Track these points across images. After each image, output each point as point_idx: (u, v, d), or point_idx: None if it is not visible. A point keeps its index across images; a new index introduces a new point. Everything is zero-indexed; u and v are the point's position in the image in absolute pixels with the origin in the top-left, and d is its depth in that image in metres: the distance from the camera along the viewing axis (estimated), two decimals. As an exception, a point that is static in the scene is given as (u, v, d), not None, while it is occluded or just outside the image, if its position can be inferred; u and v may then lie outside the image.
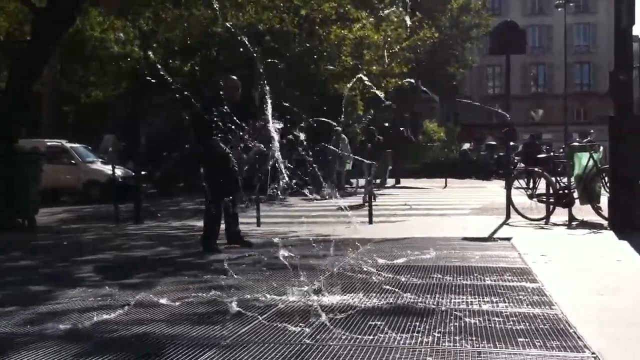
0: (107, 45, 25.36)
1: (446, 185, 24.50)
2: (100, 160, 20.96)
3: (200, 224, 9.04)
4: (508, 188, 11.57)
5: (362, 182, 20.73)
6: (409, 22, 26.57)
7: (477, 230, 9.58)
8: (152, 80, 14.58)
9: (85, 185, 19.91)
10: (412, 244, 8.09)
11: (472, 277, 5.82)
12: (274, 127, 5.42)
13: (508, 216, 11.19)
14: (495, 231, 9.69)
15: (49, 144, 19.63)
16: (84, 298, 5.22)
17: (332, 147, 18.32)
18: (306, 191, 6.93)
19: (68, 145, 20.77)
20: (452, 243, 8.22)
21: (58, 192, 19.64)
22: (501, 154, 30.17)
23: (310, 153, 5.78)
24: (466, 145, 36.80)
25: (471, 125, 49.67)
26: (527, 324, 4.12)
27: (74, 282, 6.03)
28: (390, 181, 26.85)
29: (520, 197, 11.52)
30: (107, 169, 18.35)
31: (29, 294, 5.47)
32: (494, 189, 20.83)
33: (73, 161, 20.05)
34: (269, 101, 5.47)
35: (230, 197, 7.83)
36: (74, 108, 29.34)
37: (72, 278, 6.32)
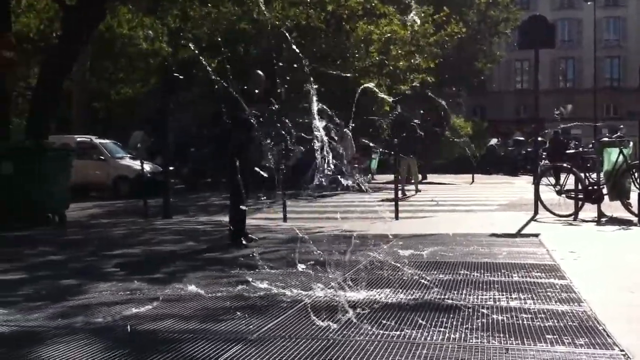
0: (136, 42, 25.58)
1: (473, 181, 24.38)
2: (129, 156, 21.16)
3: (226, 218, 9.08)
4: (536, 184, 11.48)
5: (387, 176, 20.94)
6: (413, 19, 26.41)
7: (504, 227, 9.51)
8: (180, 77, 14.71)
9: (115, 181, 20.12)
10: (439, 240, 8.06)
11: (499, 273, 5.79)
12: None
13: (536, 212, 11.10)
14: (523, 227, 9.62)
15: (78, 140, 19.88)
16: (114, 292, 5.29)
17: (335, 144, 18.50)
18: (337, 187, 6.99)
19: (97, 141, 21.00)
20: (479, 239, 8.18)
21: (88, 187, 19.86)
22: (529, 149, 29.95)
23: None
24: (493, 141, 36.54)
25: (498, 120, 49.28)
26: (556, 320, 4.09)
27: (103, 276, 6.12)
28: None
29: (548, 193, 11.41)
30: (136, 164, 18.54)
31: (60, 288, 5.56)
32: (522, 185, 20.68)
33: (102, 157, 20.28)
34: (315, 100, 5.49)
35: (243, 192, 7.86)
36: (103, 104, 29.64)
37: (102, 272, 6.40)
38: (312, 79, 5.89)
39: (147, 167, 17.69)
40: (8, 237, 9.72)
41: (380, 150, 28.09)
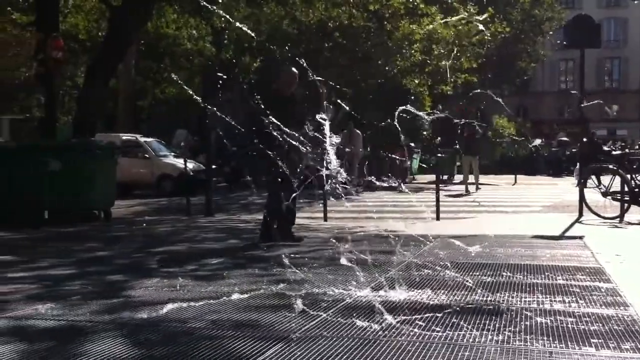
0: (180, 42, 25.92)
1: (516, 182, 24.10)
2: (172, 154, 21.46)
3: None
4: (580, 185, 11.30)
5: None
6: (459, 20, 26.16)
7: (548, 228, 9.39)
8: (223, 76, 14.87)
9: (158, 179, 20.43)
10: (481, 241, 8.00)
11: (543, 275, 5.73)
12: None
13: (580, 214, 10.94)
14: (567, 229, 9.49)
15: (124, 138, 20.25)
16: (158, 288, 5.38)
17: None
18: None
19: (142, 139, 21.35)
20: (522, 241, 8.10)
21: (132, 185, 20.19)
22: (574, 150, 29.47)
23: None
24: (537, 141, 36.05)
25: (542, 120, 48.59)
26: (601, 324, 4.04)
27: (148, 272, 6.23)
28: (459, 177, 26.56)
29: (593, 195, 11.23)
30: (179, 163, 18.79)
31: (107, 284, 5.68)
32: (566, 186, 20.36)
33: (147, 155, 20.59)
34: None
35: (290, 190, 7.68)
36: (148, 103, 30.11)
37: (146, 268, 6.52)
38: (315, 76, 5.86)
39: (190, 165, 17.92)
40: (56, 233, 9.97)
41: (421, 150, 27.99)
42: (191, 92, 10.12)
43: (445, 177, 24.55)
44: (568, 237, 8.59)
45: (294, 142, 6.53)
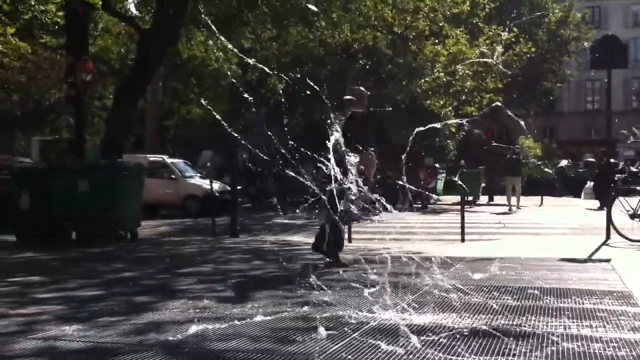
0: (207, 64, 26.23)
1: (542, 203, 23.87)
2: (198, 175, 21.62)
3: (293, 238, 9.16)
4: (608, 207, 11.18)
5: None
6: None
7: (574, 251, 9.29)
8: (249, 98, 15.03)
9: (184, 200, 20.57)
10: (506, 263, 7.94)
11: (569, 299, 5.68)
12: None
13: (608, 236, 10.80)
14: (594, 252, 9.38)
15: (151, 159, 20.46)
16: (184, 310, 5.42)
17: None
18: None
19: (169, 160, 21.56)
20: (548, 263, 8.03)
21: (158, 205, 20.36)
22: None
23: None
24: (563, 162, 35.73)
25: (568, 141, 48.20)
26: (629, 350, 3.99)
27: (174, 293, 6.27)
28: (484, 198, 26.42)
29: (621, 217, 11.10)
30: (205, 183, 18.92)
31: (133, 305, 5.73)
32: (593, 208, 20.13)
33: (173, 176, 20.77)
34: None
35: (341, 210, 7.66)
36: (174, 123, 30.44)
37: (172, 289, 6.57)
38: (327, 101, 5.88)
39: (216, 186, 18.04)
40: (83, 253, 10.08)
41: (446, 171, 27.89)
42: (217, 116, 10.21)
43: (470, 198, 24.41)
44: (595, 260, 8.49)
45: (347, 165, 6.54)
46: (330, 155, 5.98)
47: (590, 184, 22.53)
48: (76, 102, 13.04)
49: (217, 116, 10.08)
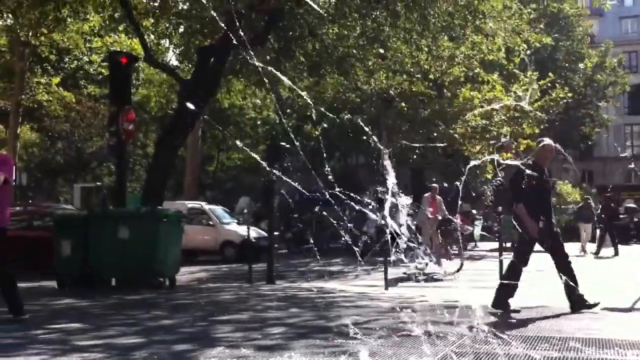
0: (245, 112, 26.70)
1: (584, 250, 23.44)
2: (236, 221, 21.82)
3: (328, 285, 9.12)
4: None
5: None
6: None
7: (616, 299, 9.11)
8: (286, 145, 15.24)
9: (222, 246, 20.73)
10: (545, 312, 7.83)
11: (613, 350, 5.58)
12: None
13: (651, 285, 10.59)
14: (637, 300, 9.19)
15: (189, 206, 20.75)
16: (222, 358, 5.46)
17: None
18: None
19: (207, 207, 21.83)
20: (590, 312, 7.89)
21: (196, 251, 20.53)
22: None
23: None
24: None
25: (607, 186, 47.47)
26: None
27: (212, 341, 6.32)
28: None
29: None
30: (242, 230, 19.07)
31: (172, 353, 5.79)
32: (635, 254, 19.75)
33: (211, 222, 20.98)
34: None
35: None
36: (213, 170, 30.89)
37: (210, 337, 6.62)
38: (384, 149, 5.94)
39: (253, 232, 18.18)
40: (123, 300, 10.21)
41: (483, 217, 27.66)
42: (257, 157, 10.37)
43: (508, 244, 24.10)
44: (639, 309, 8.32)
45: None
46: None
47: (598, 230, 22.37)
48: (118, 150, 13.35)
49: (256, 156, 10.26)
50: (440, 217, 15.52)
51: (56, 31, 18.38)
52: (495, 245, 18.89)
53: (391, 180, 5.11)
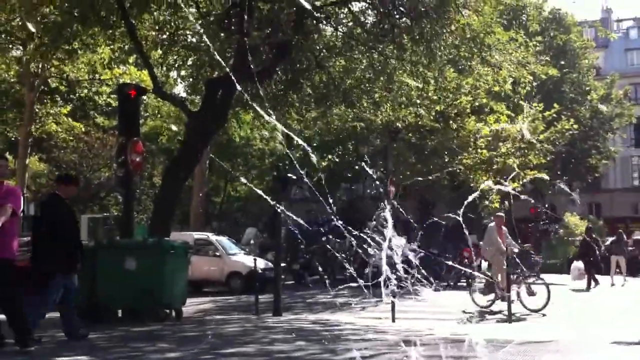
0: (252, 143, 26.85)
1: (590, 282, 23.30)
2: (242, 252, 21.78)
3: (334, 317, 9.01)
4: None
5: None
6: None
7: (628, 333, 9.05)
8: (293, 177, 15.30)
9: (228, 277, 20.66)
10: (559, 348, 7.77)
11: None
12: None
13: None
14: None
15: (196, 236, 20.73)
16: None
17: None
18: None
19: (213, 237, 21.81)
20: (599, 346, 7.83)
21: (202, 282, 20.47)
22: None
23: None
24: (611, 240, 34.99)
25: (615, 218, 47.30)
26: None
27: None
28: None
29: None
30: (249, 260, 19.02)
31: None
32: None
33: (217, 253, 20.94)
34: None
35: None
36: (220, 200, 30.96)
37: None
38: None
39: (259, 263, 18.15)
40: (129, 332, 10.18)
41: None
42: (261, 193, 10.40)
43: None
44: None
45: None
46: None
47: (578, 263, 22.05)
48: (125, 181, 13.40)
49: (260, 192, 10.27)
50: (517, 250, 14.36)
51: (67, 63, 18.59)
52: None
53: (389, 232, 5.15)
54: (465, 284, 21.64)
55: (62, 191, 9.06)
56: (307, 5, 13.42)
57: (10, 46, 22.48)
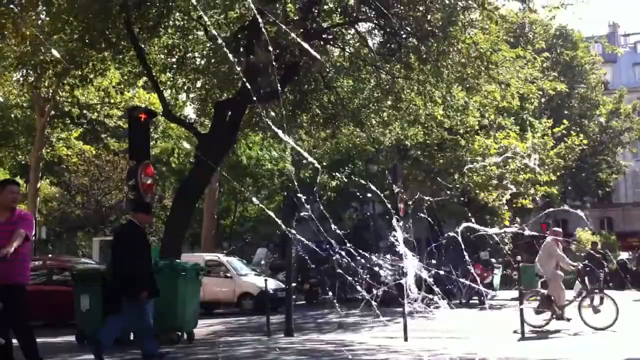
0: (262, 163, 26.95)
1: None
2: (253, 273, 21.80)
3: (346, 337, 8.96)
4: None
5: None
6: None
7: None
8: (302, 196, 15.32)
9: (239, 297, 20.68)
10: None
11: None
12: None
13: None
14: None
15: (207, 258, 20.76)
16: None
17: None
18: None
19: (224, 259, 21.84)
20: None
21: (214, 303, 20.48)
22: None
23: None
24: (624, 255, 34.78)
25: (627, 233, 47.04)
26: None
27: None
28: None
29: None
30: (260, 281, 19.04)
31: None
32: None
33: (228, 274, 20.96)
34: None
35: None
36: (230, 221, 31.02)
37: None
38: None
39: (270, 284, 18.15)
40: (142, 356, 10.18)
41: (502, 265, 27.47)
42: (272, 214, 10.44)
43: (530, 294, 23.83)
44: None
45: None
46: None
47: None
48: (137, 204, 13.44)
49: (271, 213, 10.32)
50: (580, 267, 14.07)
51: (78, 88, 18.78)
52: (515, 294, 18.75)
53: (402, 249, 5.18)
54: (477, 302, 21.58)
55: (139, 219, 9.45)
56: (313, 52, 13.46)
57: (23, 72, 22.72)
